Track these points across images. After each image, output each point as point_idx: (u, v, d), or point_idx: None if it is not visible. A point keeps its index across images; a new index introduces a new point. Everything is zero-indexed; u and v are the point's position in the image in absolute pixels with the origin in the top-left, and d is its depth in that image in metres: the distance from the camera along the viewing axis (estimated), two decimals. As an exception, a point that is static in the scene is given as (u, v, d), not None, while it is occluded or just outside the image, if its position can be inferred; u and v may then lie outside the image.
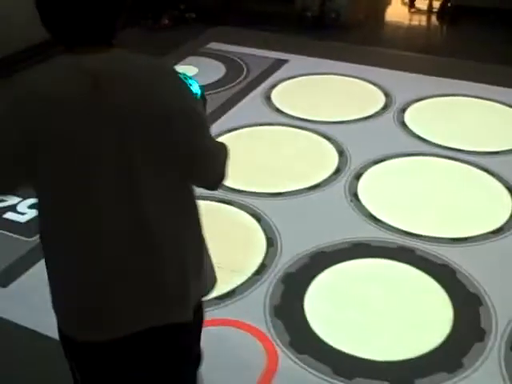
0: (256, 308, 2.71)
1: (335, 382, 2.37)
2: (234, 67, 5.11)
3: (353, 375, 2.40)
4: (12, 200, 3.39)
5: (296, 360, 2.46)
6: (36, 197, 1.51)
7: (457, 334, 2.58)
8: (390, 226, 3.20)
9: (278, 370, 2.43)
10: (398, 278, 2.89)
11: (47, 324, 2.59)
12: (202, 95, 1.87)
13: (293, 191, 3.49)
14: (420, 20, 6.52)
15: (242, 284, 2.85)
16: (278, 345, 2.52)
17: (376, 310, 2.71)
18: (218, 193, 3.46)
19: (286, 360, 2.46)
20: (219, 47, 5.45)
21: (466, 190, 3.51)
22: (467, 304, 2.72)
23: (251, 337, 2.58)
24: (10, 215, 3.31)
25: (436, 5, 6.51)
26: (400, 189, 3.54)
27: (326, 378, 2.39)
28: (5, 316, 2.67)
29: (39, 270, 2.91)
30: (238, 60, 5.22)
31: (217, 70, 5.04)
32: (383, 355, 2.49)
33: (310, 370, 2.42)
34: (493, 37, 5.51)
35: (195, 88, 1.79)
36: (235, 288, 2.82)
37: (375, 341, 2.57)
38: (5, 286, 2.84)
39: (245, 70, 5.05)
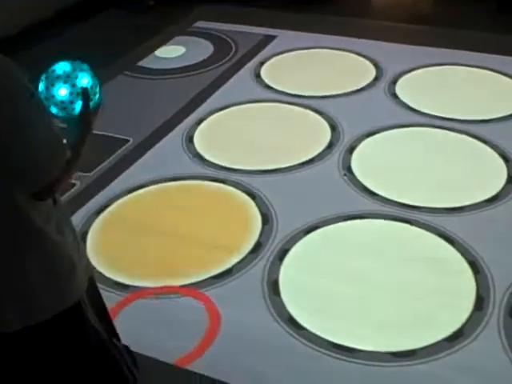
0: (254, 286, 2.70)
1: (336, 356, 2.38)
2: (222, 45, 5.05)
3: (353, 349, 2.40)
4: None
5: (296, 336, 2.46)
6: None
7: (456, 302, 2.58)
8: (385, 198, 3.19)
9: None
10: (394, 248, 2.88)
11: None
12: (92, 90, 1.56)
13: (286, 167, 3.47)
14: (408, -10, 6.45)
15: (239, 262, 2.84)
16: (277, 321, 2.52)
17: (371, 282, 2.71)
18: (210, 172, 3.45)
19: (287, 337, 2.46)
20: (206, 25, 5.39)
21: (460, 159, 3.50)
22: (464, 272, 2.72)
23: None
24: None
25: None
26: (394, 161, 3.52)
27: (326, 352, 2.39)
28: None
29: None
30: (226, 38, 5.17)
31: (205, 49, 4.99)
32: (381, 327, 2.49)
33: (310, 345, 2.42)
34: (484, 5, 5.46)
35: (83, 82, 1.54)
36: (232, 267, 2.81)
37: (374, 313, 2.56)
38: None
39: (233, 47, 5.00)
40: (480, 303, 2.57)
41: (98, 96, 1.58)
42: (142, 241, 3.00)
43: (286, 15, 5.46)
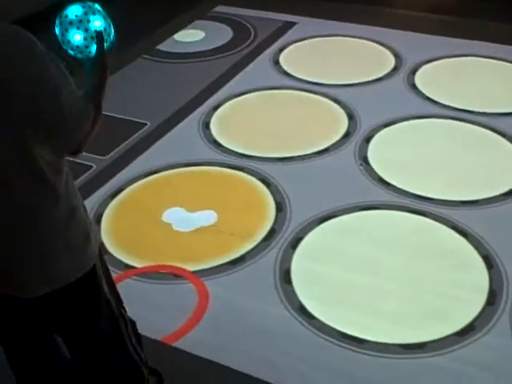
0: (266, 274, 2.71)
1: (346, 346, 2.38)
2: (241, 31, 5.03)
3: (363, 339, 2.41)
4: None
5: (307, 325, 2.47)
6: None
7: (468, 296, 2.57)
8: (400, 189, 3.18)
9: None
10: (408, 240, 2.87)
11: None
12: (106, 32, 1.60)
13: (302, 155, 3.46)
14: (431, -21, 6.38)
15: (252, 250, 2.84)
16: (288, 309, 2.53)
17: (383, 273, 2.70)
18: (226, 158, 3.45)
19: (297, 325, 2.47)
20: (226, 10, 5.37)
21: (476, 152, 3.47)
22: (478, 266, 2.71)
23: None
24: None
25: (447, -37, 6.35)
26: (410, 151, 3.50)
27: (336, 342, 2.40)
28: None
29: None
30: (246, 23, 5.15)
31: (224, 34, 4.97)
32: (392, 318, 2.49)
33: (320, 334, 2.43)
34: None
35: (96, 25, 1.58)
36: (245, 254, 2.82)
37: (385, 304, 2.56)
38: None
39: (252, 33, 4.98)
40: (492, 298, 2.56)
41: (112, 36, 1.64)
42: (156, 225, 3.01)
43: (306, 2, 5.42)
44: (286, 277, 2.69)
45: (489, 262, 2.73)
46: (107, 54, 1.60)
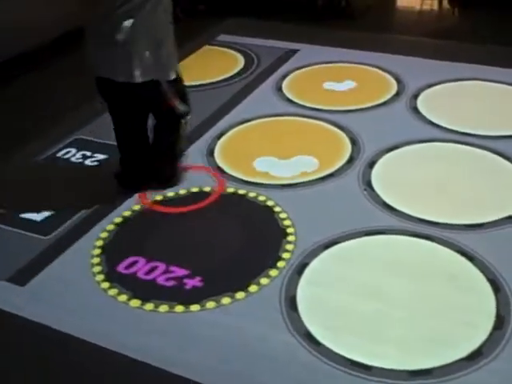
0: (272, 300, 2.70)
1: (353, 373, 2.37)
2: (244, 58, 5.09)
3: (370, 366, 2.39)
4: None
5: (313, 352, 2.45)
6: None
7: (475, 320, 2.56)
8: (404, 213, 3.18)
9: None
10: (413, 264, 2.86)
11: (65, 321, 2.63)
12: None
13: (306, 181, 3.47)
14: (431, 4, 6.46)
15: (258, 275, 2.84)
16: (294, 336, 2.52)
17: (390, 298, 2.69)
18: (230, 184, 3.46)
19: (304, 351, 2.45)
20: (229, 39, 5.43)
21: (481, 176, 3.48)
22: (485, 290, 2.70)
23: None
24: (25, 214, 3.32)
25: (447, -11, 6.44)
26: (414, 176, 3.51)
27: (343, 369, 2.38)
28: (22, 314, 2.69)
29: (56, 268, 2.94)
30: (249, 51, 5.20)
31: (227, 62, 5.03)
32: (399, 344, 2.48)
33: (326, 361, 2.41)
34: (504, 20, 5.43)
35: None
36: (249, 281, 2.81)
37: (392, 330, 2.55)
38: (22, 284, 2.85)
39: (255, 60, 5.03)
40: (500, 322, 2.54)
41: None
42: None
43: (308, 30, 5.49)
44: (291, 303, 2.69)
45: (495, 285, 2.71)
46: None
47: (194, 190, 3.45)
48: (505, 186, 3.38)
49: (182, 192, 3.44)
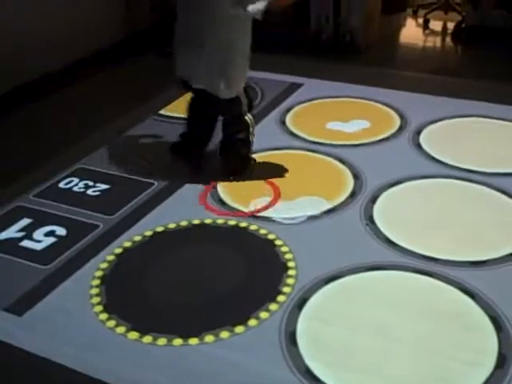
0: (271, 335, 2.67)
1: (352, 410, 2.33)
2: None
3: (370, 404, 2.36)
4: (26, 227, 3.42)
5: (312, 388, 2.42)
6: None
7: (476, 359, 2.53)
8: (406, 249, 3.17)
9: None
10: (415, 301, 2.84)
11: (62, 353, 2.60)
12: None
13: (307, 216, 3.47)
14: (434, 41, 6.52)
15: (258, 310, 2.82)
16: (293, 373, 2.49)
17: (390, 334, 2.66)
18: (236, 221, 3.45)
19: (302, 388, 2.42)
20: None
21: (483, 212, 3.47)
22: (486, 328, 2.67)
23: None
24: (26, 243, 3.32)
25: (450, 26, 6.51)
26: (416, 211, 3.50)
27: (342, 406, 2.35)
28: (20, 345, 2.66)
29: (55, 298, 2.92)
30: (253, 85, 5.24)
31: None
32: (399, 382, 2.45)
33: (326, 398, 2.38)
34: (508, 56, 5.48)
35: None
36: (250, 315, 2.79)
37: (393, 368, 2.52)
38: (20, 314, 2.83)
39: (259, 94, 5.07)
40: (502, 361, 2.51)
41: None
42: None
43: (312, 64, 5.53)
44: (291, 339, 2.66)
45: (498, 324, 2.69)
46: None
47: (195, 222, 3.45)
48: (507, 223, 3.37)
49: (184, 224, 3.44)
